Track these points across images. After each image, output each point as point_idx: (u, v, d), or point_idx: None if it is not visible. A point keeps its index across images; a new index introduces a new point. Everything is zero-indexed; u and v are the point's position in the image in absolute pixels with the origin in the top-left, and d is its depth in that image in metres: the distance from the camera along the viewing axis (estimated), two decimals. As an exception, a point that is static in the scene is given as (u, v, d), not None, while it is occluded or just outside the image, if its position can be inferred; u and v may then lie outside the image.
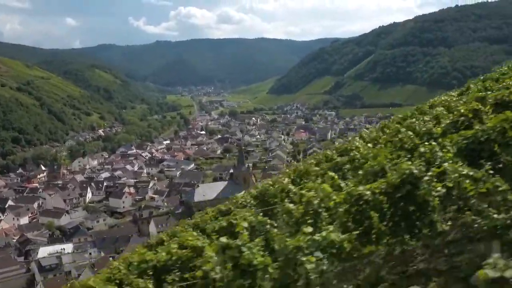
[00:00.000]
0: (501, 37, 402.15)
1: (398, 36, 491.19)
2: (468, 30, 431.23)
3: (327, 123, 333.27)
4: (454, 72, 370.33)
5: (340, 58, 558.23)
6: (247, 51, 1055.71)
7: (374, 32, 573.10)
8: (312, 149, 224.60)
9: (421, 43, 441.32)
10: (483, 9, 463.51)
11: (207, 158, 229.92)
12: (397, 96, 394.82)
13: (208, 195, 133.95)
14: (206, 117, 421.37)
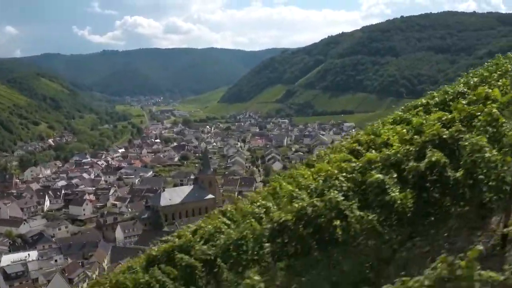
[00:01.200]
0: (444, 47, 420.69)
1: (347, 46, 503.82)
2: (413, 40, 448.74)
3: (281, 131, 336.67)
4: (402, 80, 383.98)
5: (290, 67, 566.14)
6: (196, 61, 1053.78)
7: (324, 42, 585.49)
8: (270, 155, 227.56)
9: (369, 52, 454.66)
10: (426, 20, 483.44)
11: (164, 166, 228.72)
12: (348, 103, 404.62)
13: (175, 199, 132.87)
14: (159, 126, 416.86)
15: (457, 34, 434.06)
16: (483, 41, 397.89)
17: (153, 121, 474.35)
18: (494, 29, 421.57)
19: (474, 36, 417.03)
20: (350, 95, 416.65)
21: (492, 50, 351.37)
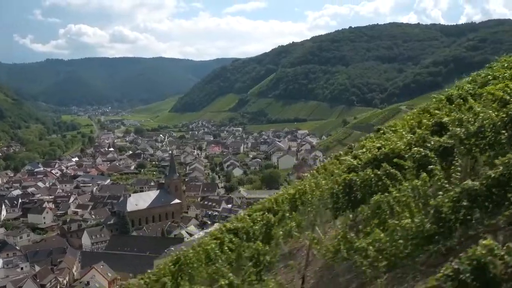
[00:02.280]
0: (391, 56, 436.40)
1: (298, 55, 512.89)
2: (362, 50, 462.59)
3: (236, 138, 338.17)
4: (353, 89, 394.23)
5: (242, 77, 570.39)
6: (145, 71, 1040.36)
7: (274, 51, 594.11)
8: (229, 162, 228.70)
9: (320, 62, 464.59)
10: (374, 31, 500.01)
11: (121, 174, 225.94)
12: (301, 111, 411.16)
13: (141, 204, 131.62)
14: (111, 135, 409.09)
15: (403, 44, 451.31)
16: (428, 51, 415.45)
17: (104, 131, 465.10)
18: (437, 39, 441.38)
19: (418, 46, 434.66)
20: (303, 103, 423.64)
21: (437, 59, 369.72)
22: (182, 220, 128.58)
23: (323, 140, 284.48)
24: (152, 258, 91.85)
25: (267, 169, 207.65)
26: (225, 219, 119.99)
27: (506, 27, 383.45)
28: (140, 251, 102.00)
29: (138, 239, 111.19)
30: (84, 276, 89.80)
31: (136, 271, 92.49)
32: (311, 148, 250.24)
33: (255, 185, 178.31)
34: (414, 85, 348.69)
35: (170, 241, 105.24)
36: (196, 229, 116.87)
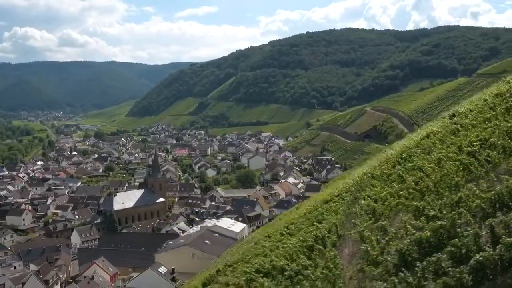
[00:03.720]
0: (349, 61, 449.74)
1: (257, 59, 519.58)
2: (321, 54, 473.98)
3: (200, 141, 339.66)
4: (313, 92, 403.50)
5: (200, 80, 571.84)
6: (97, 75, 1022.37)
7: (233, 56, 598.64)
8: (200, 163, 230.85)
9: (280, 66, 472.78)
10: (331, 36, 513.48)
11: (90, 176, 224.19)
12: (262, 114, 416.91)
13: (127, 203, 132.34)
14: (69, 139, 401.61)
15: (360, 49, 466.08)
16: (384, 56, 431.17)
17: (60, 135, 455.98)
18: (392, 44, 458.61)
19: (375, 51, 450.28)
20: (264, 106, 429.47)
21: (393, 63, 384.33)
22: (170, 218, 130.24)
23: (290, 142, 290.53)
24: (151, 253, 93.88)
25: (238, 169, 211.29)
26: (213, 216, 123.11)
27: (456, 33, 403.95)
28: (135, 247, 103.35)
29: (131, 236, 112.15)
30: (85, 271, 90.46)
31: (135, 266, 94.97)
32: (279, 149, 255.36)
33: (231, 184, 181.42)
34: (373, 88, 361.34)
35: (164, 237, 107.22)
36: (186, 226, 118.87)
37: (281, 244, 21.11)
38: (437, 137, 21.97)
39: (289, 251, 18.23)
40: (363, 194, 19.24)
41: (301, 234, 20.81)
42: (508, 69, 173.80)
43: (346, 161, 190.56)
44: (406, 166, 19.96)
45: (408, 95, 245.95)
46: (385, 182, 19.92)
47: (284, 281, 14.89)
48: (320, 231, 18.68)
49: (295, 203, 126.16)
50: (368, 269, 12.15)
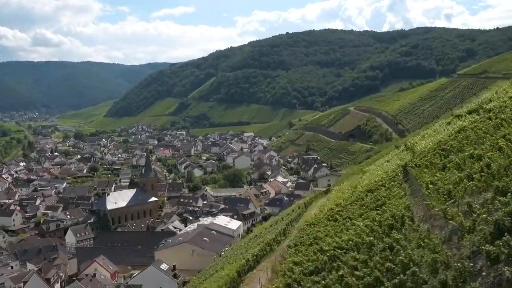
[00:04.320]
0: (329, 61, 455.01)
1: (237, 59, 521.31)
2: (301, 55, 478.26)
3: (182, 142, 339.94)
4: (294, 92, 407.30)
5: (180, 81, 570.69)
6: (72, 75, 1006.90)
7: (213, 56, 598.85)
8: (186, 163, 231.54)
9: (260, 66, 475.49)
10: (311, 37, 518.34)
11: (75, 177, 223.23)
12: (244, 114, 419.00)
13: (120, 203, 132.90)
14: (49, 140, 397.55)
15: (339, 50, 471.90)
16: (363, 56, 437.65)
17: (36, 136, 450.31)
18: (371, 45, 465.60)
19: (354, 51, 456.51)
20: (245, 107, 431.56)
21: (373, 64, 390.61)
22: (164, 217, 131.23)
23: (274, 141, 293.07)
24: (149, 251, 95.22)
25: (225, 169, 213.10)
26: (207, 214, 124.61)
27: (433, 34, 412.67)
28: (131, 245, 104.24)
29: (127, 234, 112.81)
30: (85, 269, 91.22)
31: (135, 264, 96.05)
32: (264, 149, 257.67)
33: (219, 184, 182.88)
34: (353, 88, 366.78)
35: (160, 235, 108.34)
36: (180, 224, 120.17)
37: (349, 226, 23.21)
38: (481, 131, 24.27)
39: (365, 230, 20.34)
40: (426, 180, 21.43)
41: (365, 217, 22.99)
42: (488, 69, 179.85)
43: (332, 160, 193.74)
44: (459, 155, 22.25)
45: (391, 95, 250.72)
46: (440, 170, 22.20)
47: (379, 253, 16.96)
48: (390, 212, 20.82)
49: (287, 201, 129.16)
50: (468, 237, 14.32)
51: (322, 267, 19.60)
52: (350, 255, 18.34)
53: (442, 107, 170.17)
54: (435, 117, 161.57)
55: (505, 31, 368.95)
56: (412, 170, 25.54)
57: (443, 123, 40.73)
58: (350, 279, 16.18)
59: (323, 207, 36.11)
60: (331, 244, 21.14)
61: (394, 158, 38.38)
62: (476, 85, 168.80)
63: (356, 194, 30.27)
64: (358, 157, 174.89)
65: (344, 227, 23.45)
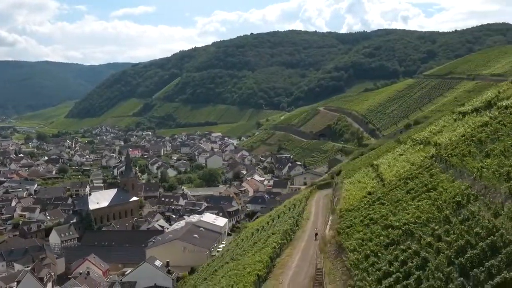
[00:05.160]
0: (294, 62, 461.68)
1: (202, 60, 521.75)
2: (266, 56, 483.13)
3: (150, 142, 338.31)
4: (260, 93, 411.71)
5: (144, 81, 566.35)
6: (29, 75, 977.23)
7: (177, 56, 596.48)
8: (158, 163, 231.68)
9: (226, 66, 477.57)
10: (276, 37, 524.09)
11: (45, 179, 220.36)
12: (211, 115, 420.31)
13: (102, 203, 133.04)
14: (10, 141, 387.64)
15: (304, 51, 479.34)
16: (327, 57, 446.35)
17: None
18: (335, 47, 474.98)
19: (318, 52, 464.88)
20: (211, 107, 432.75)
21: (337, 65, 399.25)
22: (148, 215, 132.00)
23: (245, 141, 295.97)
24: (138, 249, 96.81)
25: (197, 169, 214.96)
26: (190, 213, 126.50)
27: (395, 36, 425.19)
28: (118, 244, 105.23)
29: (113, 233, 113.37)
30: (77, 267, 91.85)
31: (125, 261, 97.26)
32: (235, 149, 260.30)
33: (195, 183, 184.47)
34: (319, 89, 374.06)
35: (147, 234, 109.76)
36: (165, 223, 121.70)
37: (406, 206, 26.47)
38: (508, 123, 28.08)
39: (431, 208, 23.61)
40: (476, 165, 24.90)
41: (421, 199, 26.33)
42: (453, 70, 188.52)
43: (304, 159, 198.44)
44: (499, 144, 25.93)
45: (359, 95, 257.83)
46: (485, 157, 25.79)
47: (459, 224, 20.21)
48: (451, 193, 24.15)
49: (268, 199, 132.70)
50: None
51: (398, 240, 22.81)
52: (428, 227, 21.58)
53: (410, 106, 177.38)
54: (404, 117, 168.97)
55: (462, 33, 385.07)
56: (451, 159, 29.08)
57: (450, 119, 44.74)
58: (440, 244, 19.40)
59: (350, 196, 39.43)
60: (399, 221, 24.34)
61: (410, 151, 42.08)
62: (442, 85, 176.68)
63: (392, 182, 33.72)
64: (330, 155, 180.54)
65: (401, 207, 26.74)
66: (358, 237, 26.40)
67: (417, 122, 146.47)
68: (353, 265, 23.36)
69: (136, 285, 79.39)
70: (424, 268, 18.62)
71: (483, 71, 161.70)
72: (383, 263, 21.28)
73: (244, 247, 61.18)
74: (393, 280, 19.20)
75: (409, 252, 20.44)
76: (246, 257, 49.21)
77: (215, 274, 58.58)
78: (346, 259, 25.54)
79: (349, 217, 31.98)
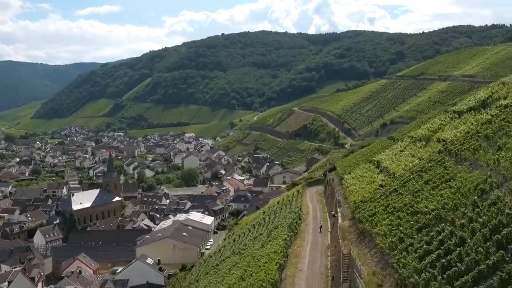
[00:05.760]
0: (265, 63, 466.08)
1: (173, 60, 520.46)
2: (237, 56, 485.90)
3: (123, 143, 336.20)
4: (233, 93, 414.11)
5: (114, 81, 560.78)
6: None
7: (147, 56, 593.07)
8: (134, 164, 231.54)
9: (197, 67, 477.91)
10: (246, 38, 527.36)
11: (18, 180, 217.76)
12: (183, 115, 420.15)
13: (85, 203, 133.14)
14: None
15: (275, 51, 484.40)
16: (298, 58, 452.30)
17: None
18: (305, 47, 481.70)
19: (289, 53, 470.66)
20: (183, 108, 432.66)
21: (309, 66, 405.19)
22: (132, 215, 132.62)
23: (220, 141, 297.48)
24: (129, 247, 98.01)
25: (174, 169, 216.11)
26: (174, 212, 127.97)
27: (364, 37, 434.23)
28: (105, 243, 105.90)
29: (99, 233, 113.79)
30: (68, 267, 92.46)
31: (115, 260, 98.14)
32: (211, 149, 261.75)
33: (174, 183, 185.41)
34: (290, 89, 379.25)
35: (133, 233, 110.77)
36: (150, 222, 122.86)
37: (428, 195, 29.36)
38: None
39: (456, 196, 26.49)
40: (492, 157, 27.92)
41: (441, 188, 29.23)
42: (425, 71, 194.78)
43: (282, 158, 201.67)
44: (509, 139, 29.16)
45: (333, 96, 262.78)
46: (498, 150, 28.92)
47: (488, 207, 23.10)
48: (473, 182, 27.04)
49: (251, 197, 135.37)
50: None
51: (429, 224, 25.66)
52: (459, 211, 24.46)
53: (385, 106, 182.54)
54: (379, 116, 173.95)
55: (429, 35, 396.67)
56: (463, 153, 32.19)
57: (446, 117, 48.19)
58: (474, 224, 22.29)
59: (359, 189, 42.29)
60: (427, 207, 27.19)
61: (412, 148, 45.29)
62: (415, 86, 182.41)
63: (406, 175, 36.72)
64: (308, 155, 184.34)
65: (423, 196, 29.60)
66: (386, 223, 29.10)
67: (393, 122, 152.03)
68: (388, 247, 25.99)
69: (129, 282, 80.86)
70: (463, 245, 21.39)
71: (454, 72, 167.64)
72: (420, 243, 24.02)
73: (245, 242, 63.61)
74: (434, 257, 21.92)
75: (446, 233, 23.19)
76: (254, 250, 51.67)
77: (217, 268, 60.83)
78: (377, 243, 28.12)
79: (367, 207, 34.67)
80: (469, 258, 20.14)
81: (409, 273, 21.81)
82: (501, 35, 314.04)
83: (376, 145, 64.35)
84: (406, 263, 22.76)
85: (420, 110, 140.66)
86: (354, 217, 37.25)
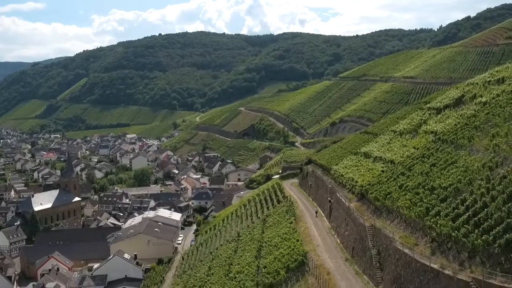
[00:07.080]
0: (205, 63, 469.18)
1: (110, 60, 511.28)
2: (177, 56, 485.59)
3: (62, 145, 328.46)
4: (173, 94, 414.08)
5: (46, 82, 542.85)
6: None
7: (81, 56, 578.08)
8: (80, 165, 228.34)
9: (136, 67, 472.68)
10: (185, 39, 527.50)
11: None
12: (122, 116, 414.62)
13: (46, 204, 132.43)
14: None
15: (214, 52, 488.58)
16: (238, 59, 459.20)
17: None
18: (244, 49, 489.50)
19: (229, 54, 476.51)
20: (123, 108, 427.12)
21: (249, 67, 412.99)
22: (97, 214, 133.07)
23: (166, 141, 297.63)
24: (101, 245, 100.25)
25: (123, 170, 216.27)
26: (138, 210, 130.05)
27: (302, 39, 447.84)
28: (75, 241, 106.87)
29: (65, 232, 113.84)
30: (43, 265, 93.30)
31: (88, 258, 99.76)
32: (158, 149, 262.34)
33: (128, 183, 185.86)
34: (232, 89, 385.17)
35: (103, 231, 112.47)
36: (115, 220, 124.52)
37: (439, 174, 35.73)
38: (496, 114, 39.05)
39: (467, 174, 33.01)
40: (488, 143, 34.85)
41: (450, 169, 35.72)
42: (367, 73, 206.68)
43: (232, 157, 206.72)
44: (501, 128, 36.29)
45: (279, 96, 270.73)
46: (491, 137, 35.87)
47: (500, 179, 29.71)
48: (479, 162, 33.49)
49: (212, 194, 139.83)
50: None
51: (449, 195, 32.07)
52: (475, 184, 31.01)
53: (331, 106, 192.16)
54: (326, 115, 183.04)
55: (363, 38, 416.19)
56: (460, 141, 39.06)
57: (424, 113, 55.67)
58: (494, 192, 28.83)
59: (359, 176, 48.52)
60: (441, 185, 33.58)
61: (400, 139, 52.14)
62: (358, 86, 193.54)
63: (407, 161, 43.04)
64: (259, 153, 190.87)
65: (435, 176, 36.04)
66: (407, 198, 35.19)
67: (343, 121, 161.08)
68: (417, 216, 32.00)
69: (107, 278, 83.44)
70: (487, 208, 27.75)
71: (395, 73, 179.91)
72: (448, 209, 30.21)
73: (236, 230, 68.71)
74: (466, 218, 28.13)
75: (469, 201, 29.54)
76: (256, 235, 57.03)
77: (217, 252, 65.22)
78: (403, 213, 33.99)
79: (380, 189, 40.69)
80: (496, 216, 26.45)
81: (448, 230, 27.93)
82: (429, 39, 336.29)
83: (353, 139, 71.10)
84: (442, 223, 28.84)
85: (367, 109, 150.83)
86: (365, 197, 43.46)
